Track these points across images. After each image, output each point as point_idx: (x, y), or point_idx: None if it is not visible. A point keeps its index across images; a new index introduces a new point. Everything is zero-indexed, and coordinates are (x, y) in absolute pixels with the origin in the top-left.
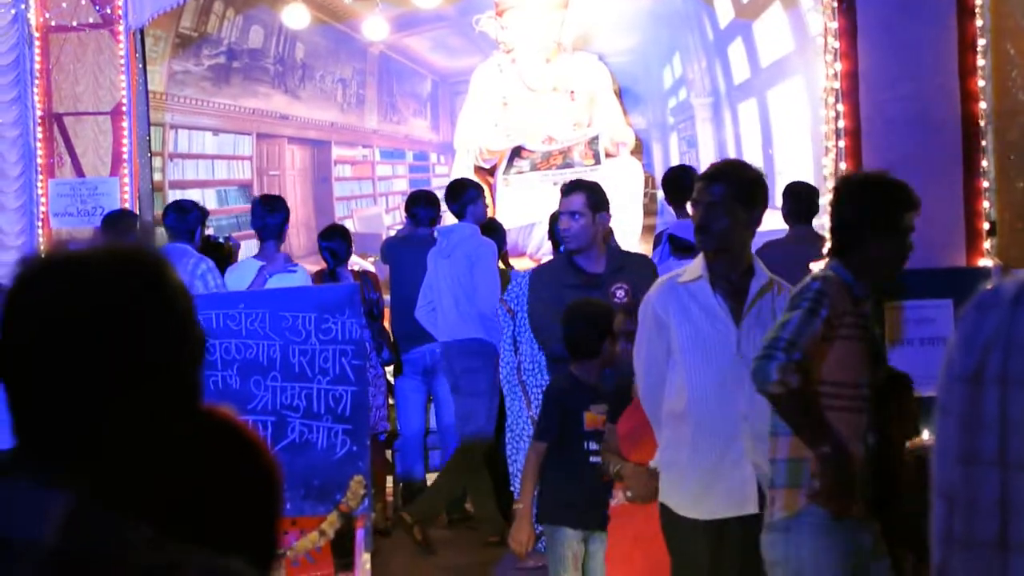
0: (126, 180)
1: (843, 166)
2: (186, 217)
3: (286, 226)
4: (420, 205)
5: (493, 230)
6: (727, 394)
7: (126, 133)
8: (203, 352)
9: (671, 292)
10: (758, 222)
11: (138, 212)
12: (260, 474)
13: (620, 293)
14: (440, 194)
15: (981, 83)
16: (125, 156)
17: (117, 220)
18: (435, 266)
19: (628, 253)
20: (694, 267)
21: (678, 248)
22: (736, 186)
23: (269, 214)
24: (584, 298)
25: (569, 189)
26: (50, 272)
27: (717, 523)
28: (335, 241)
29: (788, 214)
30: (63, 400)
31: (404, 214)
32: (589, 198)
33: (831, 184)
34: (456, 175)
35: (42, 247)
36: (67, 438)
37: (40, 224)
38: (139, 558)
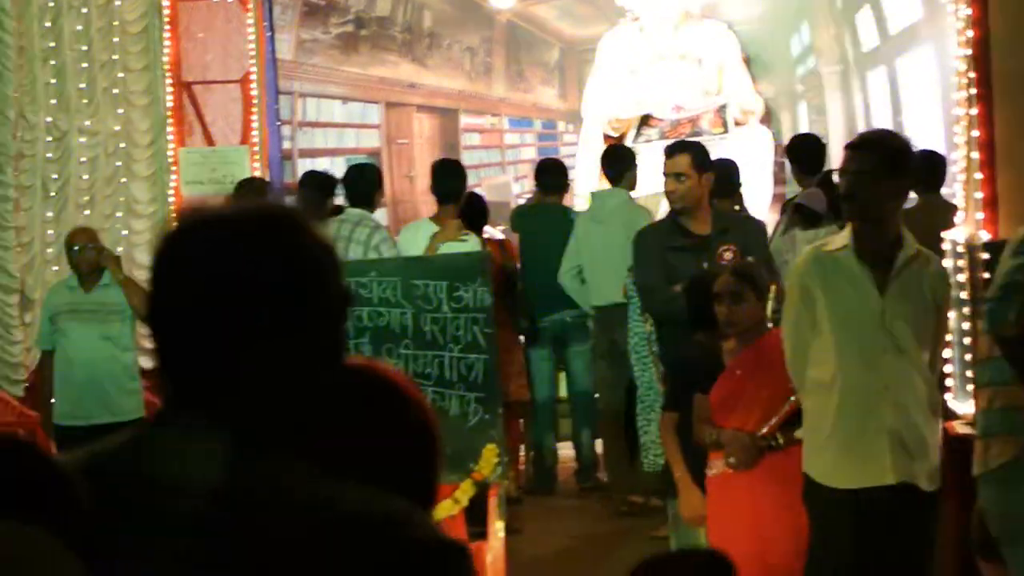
0: (256, 149)
1: (975, 134)
2: (363, 178)
3: (464, 191)
4: (549, 174)
5: None
6: (871, 364)
7: (255, 102)
8: (346, 308)
9: (816, 262)
10: (906, 192)
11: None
12: (417, 421)
13: (728, 255)
14: (569, 162)
15: None
16: (254, 125)
17: (249, 187)
18: (586, 230)
19: (732, 214)
20: (841, 236)
21: (805, 218)
22: (883, 155)
23: (447, 178)
24: (705, 269)
25: (673, 150)
26: (197, 229)
27: (860, 492)
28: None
29: (918, 183)
30: (211, 350)
31: (532, 183)
32: (694, 159)
33: (963, 152)
34: (584, 144)
35: (174, 216)
36: (218, 386)
37: (171, 193)
38: (301, 493)
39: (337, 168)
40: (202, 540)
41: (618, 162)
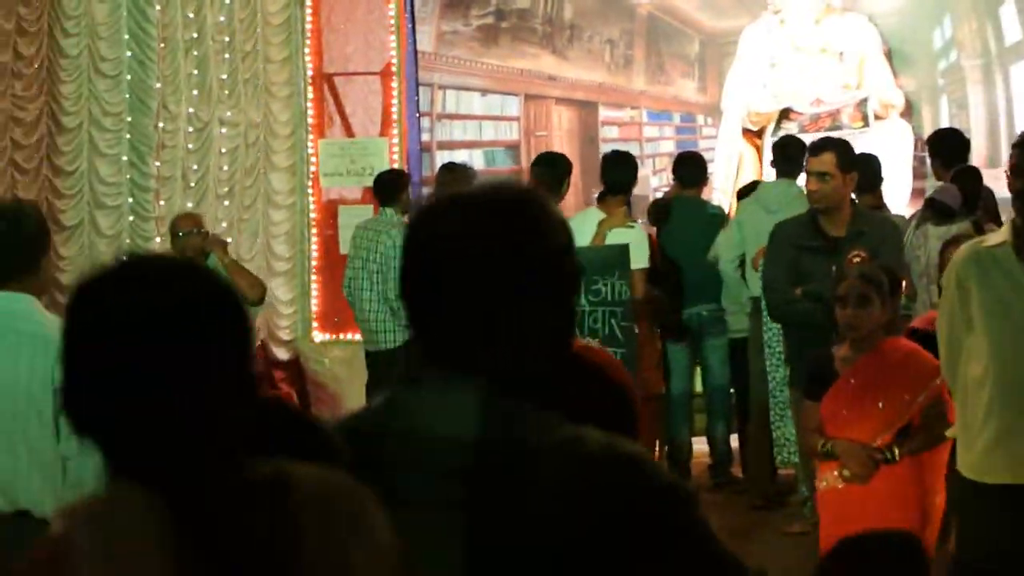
0: (395, 141)
1: None
2: (555, 170)
3: (634, 182)
4: (687, 166)
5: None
6: None
7: (395, 93)
8: (577, 283)
9: (973, 257)
10: None
11: (407, 172)
12: (621, 393)
13: (856, 260)
14: (708, 156)
15: None
16: (394, 117)
17: (388, 180)
18: (753, 220)
19: (872, 215)
20: (1001, 232)
21: (937, 212)
22: None
23: (618, 168)
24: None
25: (818, 148)
26: (455, 207)
27: (1014, 488)
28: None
29: None
30: (469, 315)
31: (671, 176)
32: (839, 157)
33: None
34: (724, 138)
35: (312, 207)
36: (473, 347)
37: (310, 184)
38: (553, 436)
39: (475, 160)
40: (469, 486)
41: (793, 155)
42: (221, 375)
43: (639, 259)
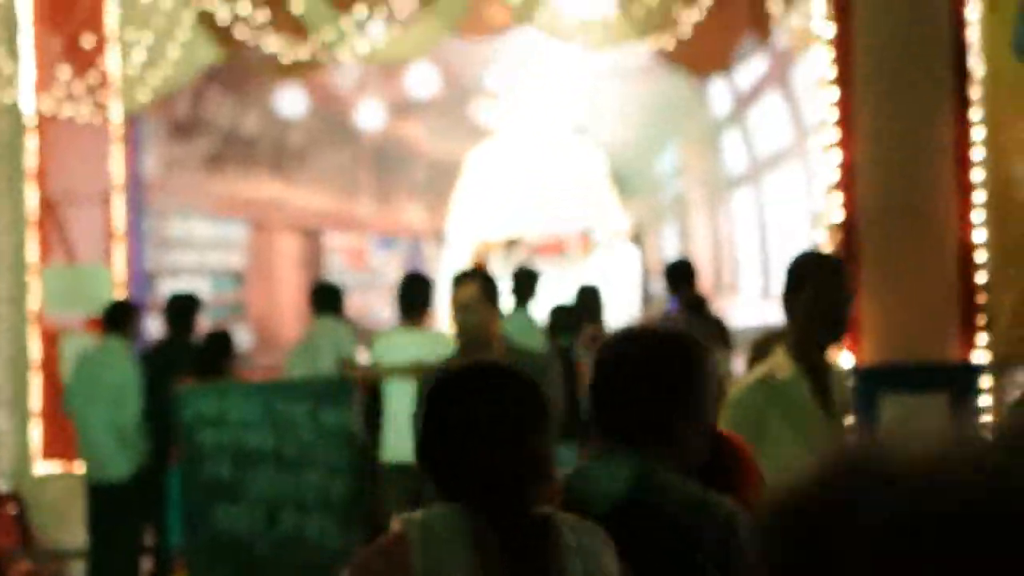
0: (118, 268)
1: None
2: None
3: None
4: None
5: None
6: None
7: (119, 220)
8: (719, 399)
9: (767, 392)
10: None
11: (135, 302)
12: (751, 473)
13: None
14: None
15: (978, 174)
16: (118, 244)
17: (116, 310)
18: None
19: (524, 349)
20: (782, 365)
21: None
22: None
23: (414, 288)
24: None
25: (460, 280)
26: (634, 338)
27: None
28: None
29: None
30: (641, 412)
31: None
32: (483, 290)
33: None
34: (450, 263)
35: (35, 334)
36: (639, 434)
37: (33, 310)
38: (683, 493)
39: (201, 287)
40: (612, 532)
41: (529, 284)
42: (529, 446)
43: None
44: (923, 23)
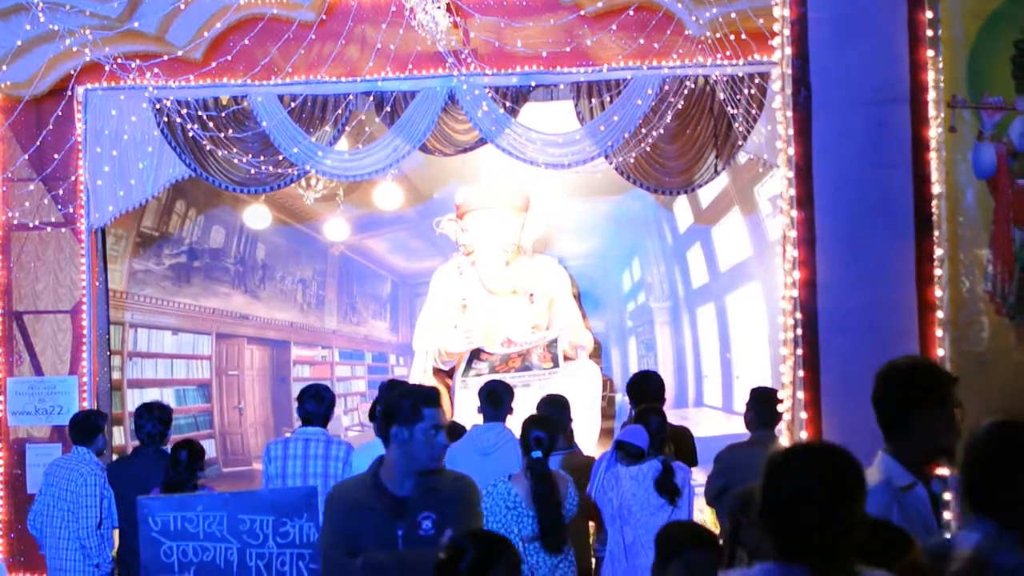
0: (85, 379)
1: (800, 374)
2: (323, 403)
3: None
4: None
5: (456, 433)
6: None
7: (86, 332)
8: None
9: None
10: None
11: (102, 412)
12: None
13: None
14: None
15: (939, 292)
16: (84, 355)
17: (84, 420)
18: (467, 463)
19: (448, 473)
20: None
21: (628, 454)
22: None
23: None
24: None
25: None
26: (799, 457)
27: None
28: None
29: (753, 419)
30: (816, 526)
31: (365, 415)
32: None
33: (789, 391)
34: (414, 377)
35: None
36: (809, 545)
37: None
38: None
39: (167, 399)
40: None
41: (502, 398)
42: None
43: None
44: (884, 146)
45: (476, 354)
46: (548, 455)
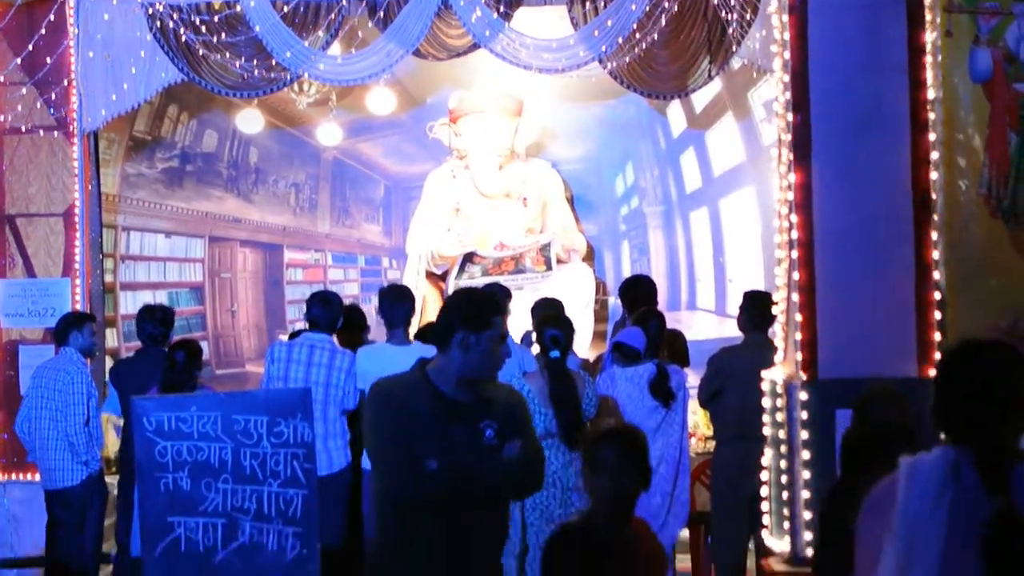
0: (78, 281)
1: (795, 276)
2: (331, 307)
3: (412, 314)
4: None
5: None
6: None
7: (78, 235)
8: None
9: None
10: None
11: (90, 313)
12: None
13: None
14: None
15: (934, 196)
16: (77, 258)
17: (59, 321)
18: None
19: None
20: None
21: (624, 355)
22: None
23: (396, 302)
24: None
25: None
26: (985, 350)
27: None
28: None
29: (746, 321)
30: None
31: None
32: None
33: (783, 293)
34: (408, 280)
35: None
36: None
37: None
38: None
39: (160, 301)
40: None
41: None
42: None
43: None
44: (881, 50)
45: (469, 257)
46: (566, 355)
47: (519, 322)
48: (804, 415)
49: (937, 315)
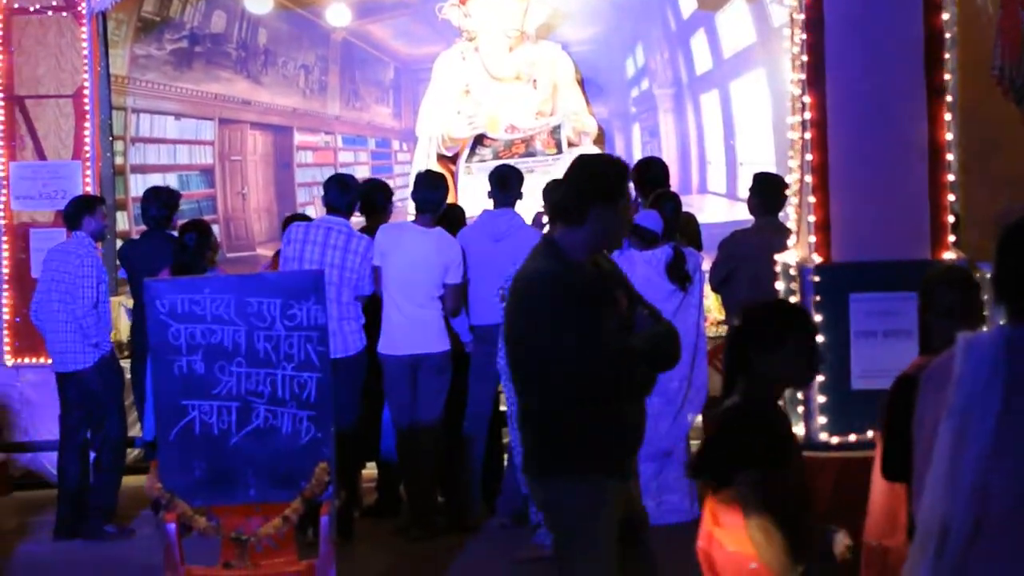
0: (88, 164)
1: (808, 157)
2: (348, 191)
3: (444, 202)
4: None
5: (455, 217)
6: None
7: (88, 117)
8: None
9: None
10: None
11: (100, 196)
12: None
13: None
14: (403, 181)
15: (947, 76)
16: (87, 140)
17: (68, 205)
18: (478, 249)
19: None
20: None
21: (641, 238)
22: None
23: (431, 189)
24: None
25: None
26: None
27: None
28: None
29: (757, 205)
30: None
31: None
32: None
33: (796, 176)
34: (418, 163)
35: (3, 230)
36: None
37: (1, 207)
38: None
39: (170, 184)
40: None
41: (513, 183)
42: None
43: (456, 275)
44: None
45: (479, 140)
46: None
47: (530, 205)
48: (817, 298)
49: (951, 197)
